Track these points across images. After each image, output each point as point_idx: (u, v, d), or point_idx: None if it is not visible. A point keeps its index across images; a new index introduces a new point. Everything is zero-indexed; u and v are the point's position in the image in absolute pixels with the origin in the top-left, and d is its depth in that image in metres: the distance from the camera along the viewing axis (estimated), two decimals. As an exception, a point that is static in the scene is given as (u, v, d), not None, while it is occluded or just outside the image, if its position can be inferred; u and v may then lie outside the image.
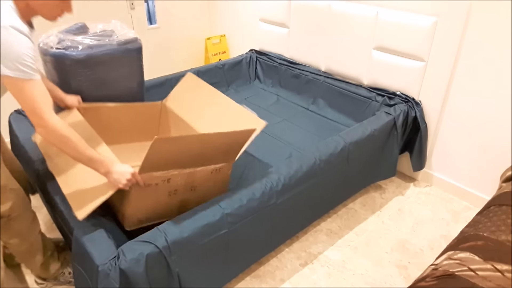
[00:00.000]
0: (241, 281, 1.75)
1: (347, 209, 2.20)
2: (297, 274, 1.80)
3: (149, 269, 1.25)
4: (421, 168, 2.31)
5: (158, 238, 1.28)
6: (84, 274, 1.30)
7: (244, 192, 1.51)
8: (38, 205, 2.17)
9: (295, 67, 2.80)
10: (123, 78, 1.93)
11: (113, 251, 1.23)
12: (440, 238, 2.00)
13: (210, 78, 2.88)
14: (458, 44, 1.98)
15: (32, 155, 1.75)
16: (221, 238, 1.43)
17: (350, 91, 2.46)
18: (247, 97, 2.87)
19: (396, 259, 1.88)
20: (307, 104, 2.70)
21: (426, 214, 2.17)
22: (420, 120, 2.17)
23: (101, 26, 1.84)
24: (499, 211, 1.43)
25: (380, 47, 2.29)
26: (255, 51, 3.14)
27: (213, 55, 3.65)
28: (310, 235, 2.01)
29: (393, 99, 2.26)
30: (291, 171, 1.66)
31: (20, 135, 1.89)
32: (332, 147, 1.83)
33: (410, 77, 2.20)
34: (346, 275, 1.79)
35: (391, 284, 1.75)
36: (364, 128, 1.99)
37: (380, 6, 2.22)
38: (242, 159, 2.08)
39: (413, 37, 2.10)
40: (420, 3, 2.04)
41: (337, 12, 2.43)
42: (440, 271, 1.19)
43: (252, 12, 3.20)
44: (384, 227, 2.08)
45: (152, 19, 3.33)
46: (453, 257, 1.24)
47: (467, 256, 1.22)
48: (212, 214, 1.40)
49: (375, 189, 2.37)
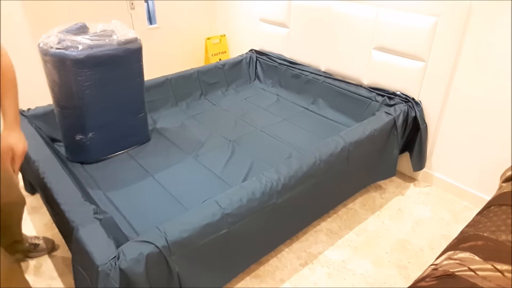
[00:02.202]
0: (241, 281, 1.75)
1: (347, 209, 2.20)
2: (297, 274, 1.80)
3: (149, 269, 1.25)
4: (421, 168, 2.31)
5: (158, 238, 1.28)
6: (84, 274, 1.30)
7: (244, 192, 1.51)
8: (38, 205, 2.17)
9: (295, 67, 2.80)
10: (123, 78, 1.93)
11: (113, 251, 1.22)
12: (440, 238, 2.00)
13: (210, 78, 2.89)
14: (458, 44, 1.98)
15: (32, 155, 1.75)
16: (221, 238, 1.44)
17: (350, 91, 2.46)
18: (247, 97, 2.87)
19: (396, 259, 1.88)
20: (307, 104, 2.70)
21: (426, 214, 2.17)
22: (420, 120, 2.17)
23: (101, 26, 1.85)
24: (499, 211, 1.43)
25: (380, 47, 2.29)
26: (255, 51, 3.14)
27: (213, 55, 3.65)
28: (310, 235, 2.01)
29: (393, 99, 2.27)
30: (291, 171, 1.66)
31: (20, 135, 1.89)
32: (332, 147, 1.83)
33: (410, 77, 2.20)
34: (346, 275, 1.79)
35: (391, 284, 1.75)
36: (364, 128, 1.99)
37: (380, 6, 2.22)
38: (243, 159, 2.08)
39: (413, 37, 2.10)
40: (420, 3, 2.04)
41: (337, 12, 2.43)
42: (440, 271, 1.19)
43: (252, 12, 3.21)
44: (384, 227, 2.08)
45: (152, 19, 3.33)
46: (453, 257, 1.24)
47: (467, 256, 1.22)
48: (212, 214, 1.40)
49: (375, 189, 2.37)
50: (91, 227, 1.34)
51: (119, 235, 1.47)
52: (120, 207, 1.73)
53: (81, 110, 1.89)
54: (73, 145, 2.00)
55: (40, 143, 1.84)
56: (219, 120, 2.52)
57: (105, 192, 1.83)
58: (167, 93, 2.67)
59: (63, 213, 1.43)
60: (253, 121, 2.49)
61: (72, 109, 1.89)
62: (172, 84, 2.69)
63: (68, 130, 1.98)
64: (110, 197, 1.80)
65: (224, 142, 2.25)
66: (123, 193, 1.83)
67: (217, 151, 2.16)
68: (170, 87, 2.68)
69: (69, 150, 2.05)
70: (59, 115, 1.95)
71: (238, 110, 2.64)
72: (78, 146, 1.99)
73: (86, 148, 2.00)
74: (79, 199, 1.49)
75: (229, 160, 2.08)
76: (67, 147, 2.05)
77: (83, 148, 2.00)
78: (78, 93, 1.80)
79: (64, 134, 2.01)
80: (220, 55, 3.70)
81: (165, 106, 2.64)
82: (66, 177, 1.62)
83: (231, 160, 2.07)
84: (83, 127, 1.94)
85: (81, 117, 1.91)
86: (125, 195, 1.82)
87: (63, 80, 1.76)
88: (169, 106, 2.66)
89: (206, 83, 2.86)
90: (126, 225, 1.63)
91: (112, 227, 1.44)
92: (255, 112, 2.63)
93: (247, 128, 2.41)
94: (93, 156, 2.04)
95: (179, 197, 1.79)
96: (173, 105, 2.68)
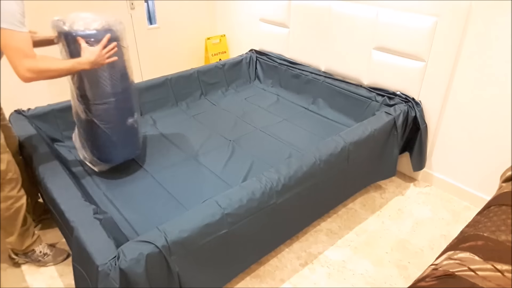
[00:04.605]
0: (241, 281, 1.75)
1: (347, 209, 2.20)
2: (297, 274, 1.80)
3: (149, 269, 1.25)
4: (421, 168, 2.31)
5: (158, 238, 1.28)
6: (84, 274, 1.31)
7: (244, 192, 1.51)
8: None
9: (295, 67, 2.80)
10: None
11: (113, 251, 1.22)
12: (440, 238, 2.00)
13: (210, 78, 2.89)
14: (458, 44, 1.98)
15: (33, 155, 1.75)
16: (221, 238, 1.44)
17: (350, 91, 2.46)
18: (247, 97, 2.87)
19: (396, 259, 1.88)
20: (307, 104, 2.70)
21: (426, 214, 2.17)
22: (420, 120, 2.17)
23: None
24: (499, 211, 1.43)
25: (380, 47, 2.29)
26: (255, 51, 3.14)
27: (213, 55, 3.65)
28: (310, 235, 2.01)
29: (393, 99, 2.26)
30: (291, 171, 1.66)
31: (20, 135, 1.89)
32: (332, 147, 1.83)
33: (410, 77, 2.20)
34: (346, 275, 1.79)
35: (391, 284, 1.75)
36: (364, 128, 1.99)
37: (380, 6, 2.22)
38: (243, 159, 2.08)
39: (413, 37, 2.10)
40: (420, 3, 2.04)
41: (337, 12, 2.43)
42: (440, 271, 1.19)
43: (252, 12, 3.20)
44: (384, 227, 2.08)
45: (152, 19, 3.33)
46: (453, 257, 1.24)
47: (467, 256, 1.22)
48: (212, 214, 1.40)
49: (375, 189, 2.37)
50: (91, 227, 1.34)
51: (119, 235, 1.47)
52: (120, 207, 1.73)
53: (130, 88, 1.83)
54: (124, 136, 1.88)
55: (40, 143, 1.84)
56: (219, 120, 2.52)
57: (105, 192, 1.83)
58: (167, 93, 2.67)
59: (63, 213, 1.43)
60: (253, 121, 2.49)
61: (125, 91, 1.80)
62: (172, 84, 2.69)
63: (121, 118, 1.84)
64: (110, 197, 1.80)
65: (224, 142, 2.25)
66: (123, 193, 1.83)
67: (217, 151, 2.16)
68: (170, 87, 2.68)
69: (117, 148, 1.88)
70: (108, 109, 1.76)
71: (238, 110, 2.64)
72: (129, 135, 1.90)
73: (136, 132, 1.93)
74: (79, 199, 1.49)
75: (229, 160, 2.08)
76: (115, 146, 1.87)
77: (132, 133, 1.91)
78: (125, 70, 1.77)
79: (112, 130, 1.81)
80: (220, 55, 3.70)
81: (165, 106, 2.64)
82: (66, 177, 1.62)
83: (231, 160, 2.07)
84: (130, 107, 1.86)
85: (129, 97, 1.84)
86: (125, 195, 1.82)
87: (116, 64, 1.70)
88: (169, 106, 2.66)
89: (206, 83, 2.86)
90: (126, 225, 1.63)
91: (112, 227, 1.44)
92: (255, 112, 2.63)
93: (247, 128, 2.41)
94: (140, 141, 1.97)
95: (179, 197, 1.79)
96: (173, 105, 2.68)
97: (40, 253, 1.79)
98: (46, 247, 1.81)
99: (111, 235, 1.32)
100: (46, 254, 1.80)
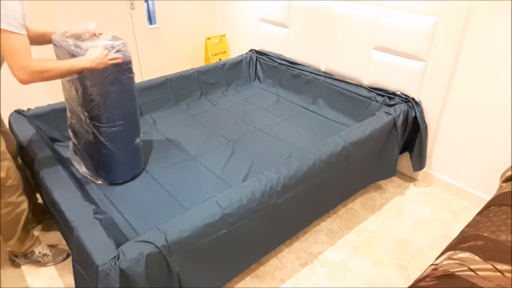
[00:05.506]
0: (241, 281, 1.75)
1: (347, 209, 2.20)
2: (297, 274, 1.80)
3: (149, 269, 1.25)
4: (421, 168, 2.31)
5: (158, 238, 1.28)
6: (84, 274, 1.30)
7: (244, 192, 1.51)
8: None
9: (295, 67, 2.80)
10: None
11: (113, 251, 1.22)
12: (440, 238, 2.00)
13: (210, 78, 2.89)
14: (458, 44, 1.98)
15: (33, 155, 1.75)
16: (221, 238, 1.44)
17: (350, 91, 2.46)
18: (247, 97, 2.87)
19: (396, 259, 1.88)
20: (307, 104, 2.70)
21: (426, 214, 2.17)
22: (420, 120, 2.17)
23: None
24: (499, 211, 1.43)
25: (380, 47, 2.29)
26: (255, 51, 3.14)
27: (213, 55, 3.65)
28: (310, 235, 2.01)
29: (393, 99, 2.26)
30: (291, 171, 1.66)
31: (20, 135, 1.89)
32: (332, 147, 1.83)
33: (410, 77, 2.20)
34: (346, 275, 1.79)
35: (391, 284, 1.75)
36: (364, 128, 1.99)
37: (380, 6, 2.22)
38: (243, 159, 2.08)
39: (413, 37, 2.10)
40: (420, 3, 2.04)
41: (337, 12, 2.43)
42: (440, 271, 1.19)
43: (252, 12, 3.20)
44: (384, 227, 2.07)
45: (152, 19, 3.33)
46: (453, 257, 1.24)
47: (467, 256, 1.22)
48: (212, 214, 1.40)
49: (375, 189, 2.37)
50: (91, 227, 1.34)
51: (119, 235, 1.48)
52: (120, 207, 1.73)
53: (137, 110, 1.86)
54: (131, 156, 1.90)
55: (40, 143, 1.84)
56: (219, 120, 2.52)
57: (105, 192, 1.83)
58: (167, 93, 2.67)
59: (63, 213, 1.43)
60: (253, 121, 2.49)
61: (134, 112, 1.84)
62: (172, 84, 2.69)
63: (129, 139, 1.86)
64: (110, 197, 1.80)
65: (224, 142, 2.25)
66: (123, 193, 1.83)
67: (217, 151, 2.16)
68: (170, 87, 2.68)
69: (125, 167, 1.90)
70: (118, 131, 1.78)
71: (238, 110, 2.64)
72: (135, 154, 1.92)
73: (140, 151, 1.95)
74: (79, 199, 1.49)
75: (229, 160, 2.08)
76: (122, 166, 1.89)
77: (138, 153, 1.94)
78: (135, 92, 1.81)
79: (121, 151, 1.82)
80: (220, 55, 3.70)
81: (165, 106, 2.64)
82: (66, 177, 1.62)
83: (231, 160, 2.07)
84: (137, 128, 1.89)
85: (137, 117, 1.87)
86: (125, 195, 1.82)
87: (126, 87, 1.73)
88: (169, 106, 2.66)
89: (206, 83, 2.86)
90: (126, 225, 1.63)
91: (112, 227, 1.44)
92: (255, 112, 2.63)
93: (247, 128, 2.41)
94: (142, 158, 2.00)
95: (179, 197, 1.79)
96: (173, 105, 2.68)
97: (40, 254, 1.79)
98: (46, 248, 1.81)
99: (111, 235, 1.32)
100: (45, 255, 1.80)
